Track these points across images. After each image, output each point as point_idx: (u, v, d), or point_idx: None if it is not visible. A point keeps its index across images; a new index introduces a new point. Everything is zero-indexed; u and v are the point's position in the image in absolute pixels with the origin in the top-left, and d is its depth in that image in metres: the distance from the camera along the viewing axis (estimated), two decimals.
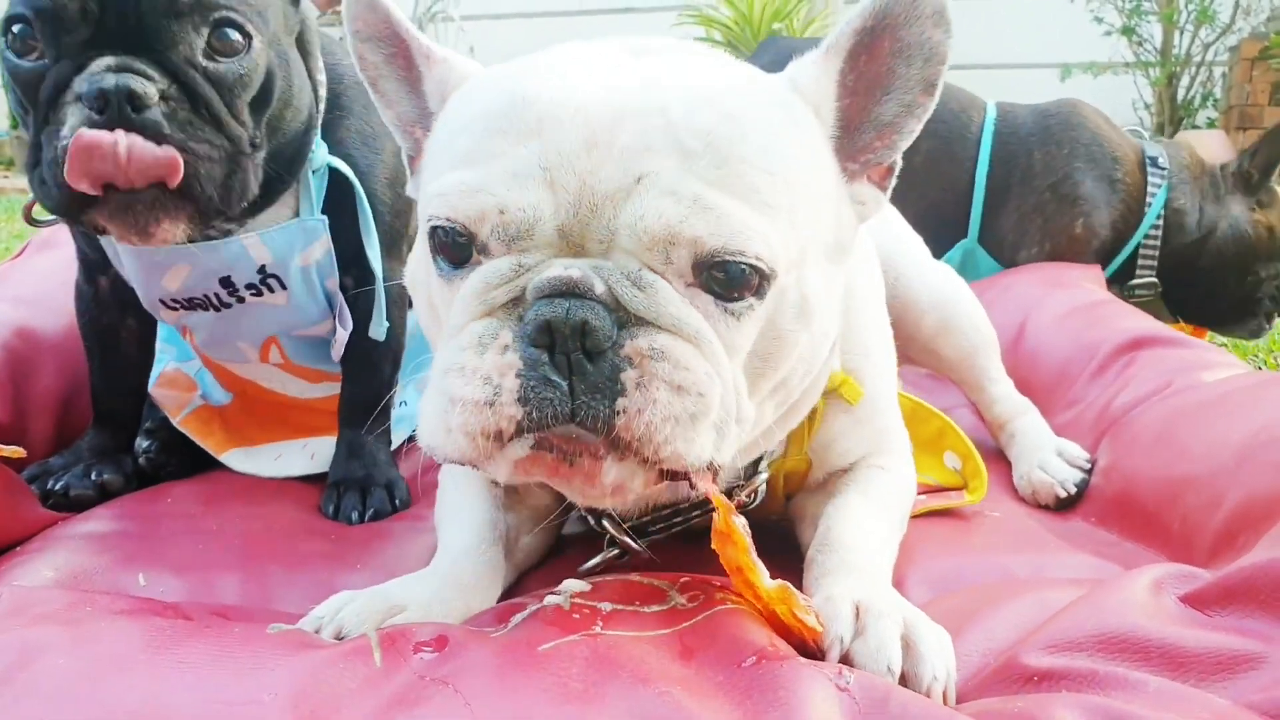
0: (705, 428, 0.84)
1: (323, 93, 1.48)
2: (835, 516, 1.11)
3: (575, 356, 0.81)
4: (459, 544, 1.13)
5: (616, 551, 1.13)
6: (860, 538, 1.08)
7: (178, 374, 1.80)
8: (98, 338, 1.63)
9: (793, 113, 0.93)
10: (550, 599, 0.94)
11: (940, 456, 1.49)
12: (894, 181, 1.03)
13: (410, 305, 1.63)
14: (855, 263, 1.13)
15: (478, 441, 0.82)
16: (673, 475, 0.86)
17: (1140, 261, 2.59)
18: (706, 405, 0.83)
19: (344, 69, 1.53)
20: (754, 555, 0.93)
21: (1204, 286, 2.59)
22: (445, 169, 0.87)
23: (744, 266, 0.84)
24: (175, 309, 1.54)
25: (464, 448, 0.83)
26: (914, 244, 1.80)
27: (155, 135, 1.19)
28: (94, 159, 1.16)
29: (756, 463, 1.15)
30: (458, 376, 0.83)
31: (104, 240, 1.51)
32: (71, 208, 1.24)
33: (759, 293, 0.86)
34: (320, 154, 1.46)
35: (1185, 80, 7.44)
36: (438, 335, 0.95)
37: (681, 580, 1.00)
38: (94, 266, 1.59)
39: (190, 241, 1.34)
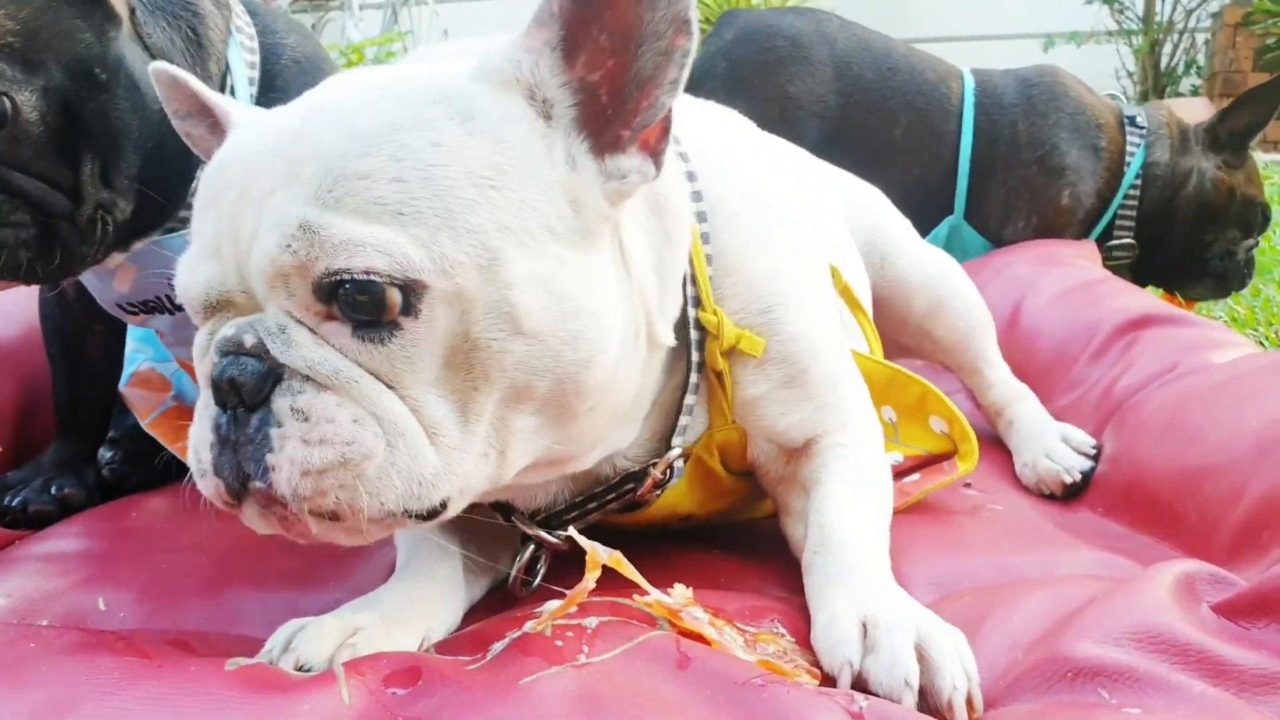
0: (379, 471, 0.79)
1: (251, 74, 1.39)
2: (825, 513, 1.05)
3: (240, 413, 0.80)
4: (412, 560, 1.08)
5: (533, 548, 1.07)
6: (854, 533, 1.02)
7: (152, 373, 1.73)
8: (62, 344, 1.56)
9: (463, 107, 0.84)
10: (530, 625, 0.87)
11: (925, 422, 1.42)
12: (668, 142, 0.91)
13: None
14: (744, 211, 1.11)
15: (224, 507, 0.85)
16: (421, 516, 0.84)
17: (1119, 223, 2.58)
18: (363, 451, 0.79)
19: (283, 47, 1.45)
20: (725, 637, 0.89)
21: (1167, 243, 2.59)
22: None
23: (370, 285, 0.77)
24: (135, 313, 1.47)
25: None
26: (898, 224, 1.74)
27: None
28: None
29: (668, 440, 1.09)
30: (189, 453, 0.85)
31: None
32: None
33: (407, 310, 0.79)
34: None
35: (1168, 48, 7.42)
36: None
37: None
38: None
39: None
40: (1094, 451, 1.51)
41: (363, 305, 0.78)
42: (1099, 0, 7.27)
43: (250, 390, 0.79)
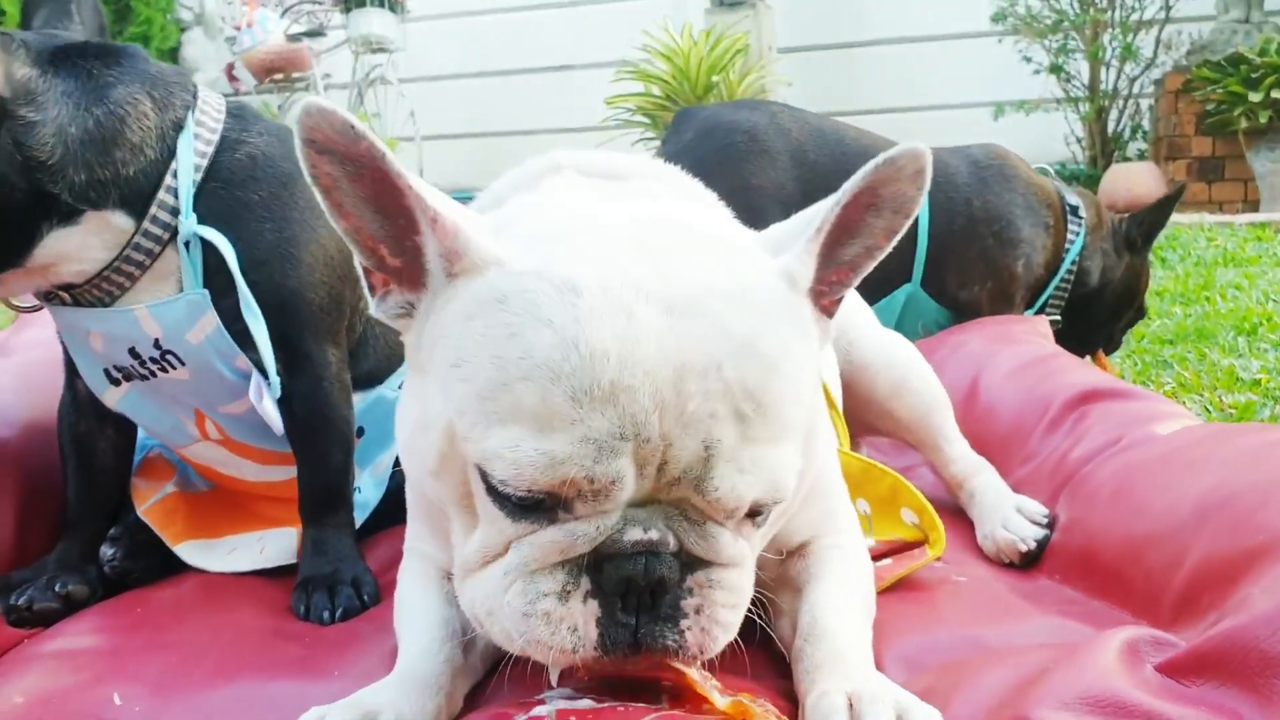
0: (737, 626, 0.98)
1: (200, 161, 1.47)
2: (818, 607, 1.14)
3: (644, 599, 0.92)
4: (416, 645, 1.13)
5: None
6: (842, 625, 1.11)
7: (159, 459, 1.80)
8: (75, 444, 1.63)
9: (797, 312, 1.00)
10: (538, 710, 0.94)
11: (897, 514, 1.51)
12: (837, 311, 1.12)
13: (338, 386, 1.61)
14: None
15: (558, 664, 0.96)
16: None
17: (1052, 302, 2.81)
18: (743, 609, 0.98)
19: (244, 144, 1.52)
20: (699, 676, 0.97)
21: (1085, 322, 2.88)
22: (504, 418, 0.89)
23: (780, 506, 0.99)
24: (118, 383, 1.55)
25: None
26: (861, 309, 1.84)
27: None
28: None
29: None
30: (543, 623, 0.91)
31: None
32: None
33: (777, 507, 0.99)
34: (188, 225, 1.45)
35: (1114, 114, 7.64)
36: (463, 520, 1.00)
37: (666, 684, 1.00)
38: (72, 367, 1.60)
39: None
40: (1046, 521, 1.60)
41: (769, 510, 0.98)
42: (1046, 70, 7.49)
43: (671, 585, 0.92)
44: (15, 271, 1.41)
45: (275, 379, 1.51)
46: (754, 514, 0.95)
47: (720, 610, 0.94)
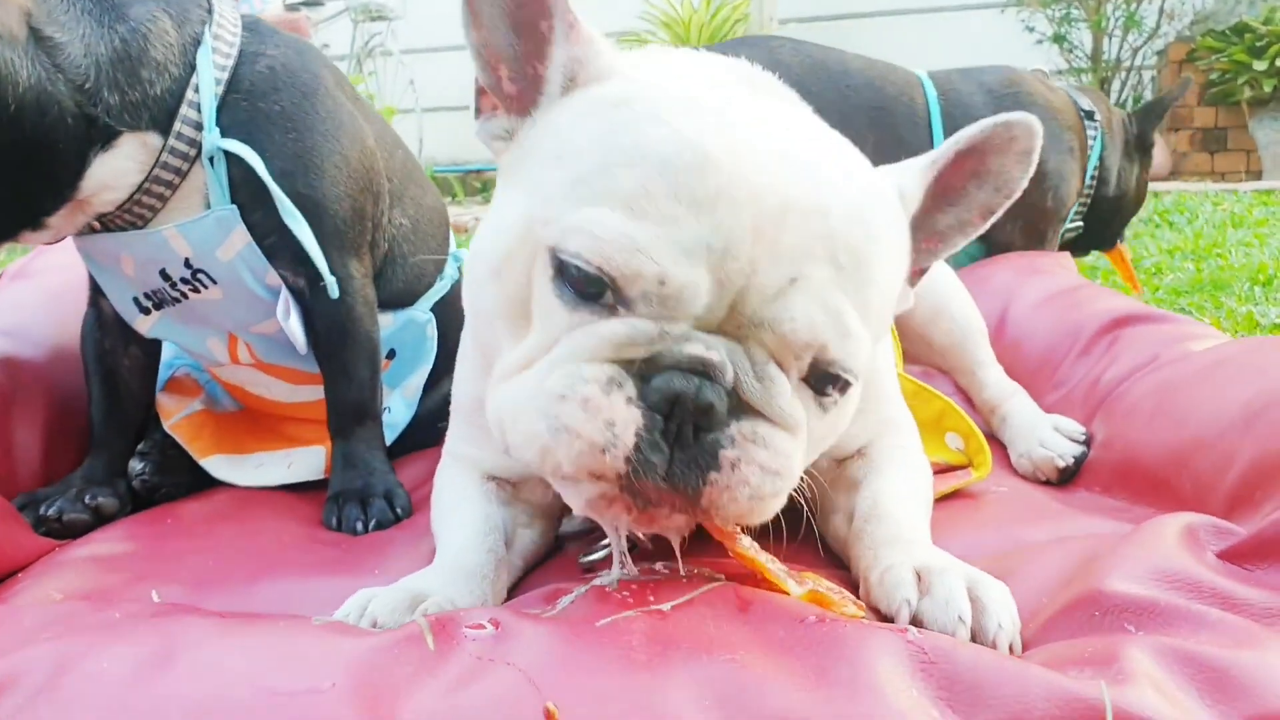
0: (778, 500, 0.89)
1: (220, 74, 1.46)
2: (880, 493, 1.13)
3: (685, 429, 0.84)
4: (458, 539, 1.13)
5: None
6: (904, 510, 1.11)
7: (186, 378, 1.80)
8: (99, 362, 1.62)
9: (902, 227, 0.99)
10: (598, 581, 0.93)
11: (943, 437, 1.51)
12: (921, 281, 1.12)
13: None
14: None
15: (579, 475, 0.85)
16: None
17: (1077, 210, 2.79)
18: (787, 484, 0.89)
19: (262, 56, 1.51)
20: (774, 566, 0.95)
21: (1105, 226, 2.90)
22: (596, 199, 0.86)
23: (851, 377, 0.90)
24: (148, 311, 1.54)
25: (561, 470, 0.85)
26: None
27: None
28: None
29: None
30: (580, 409, 0.83)
31: (72, 242, 1.52)
32: None
33: (844, 391, 0.92)
34: (211, 139, 1.43)
35: (1116, 84, 7.63)
36: (513, 330, 0.94)
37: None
38: (97, 287, 1.59)
39: None
40: (1084, 438, 1.60)
41: (832, 382, 0.90)
42: (1049, 40, 7.48)
43: (717, 421, 0.84)
44: (66, 208, 1.39)
45: (330, 278, 1.50)
46: (819, 377, 0.90)
47: (755, 471, 0.85)
